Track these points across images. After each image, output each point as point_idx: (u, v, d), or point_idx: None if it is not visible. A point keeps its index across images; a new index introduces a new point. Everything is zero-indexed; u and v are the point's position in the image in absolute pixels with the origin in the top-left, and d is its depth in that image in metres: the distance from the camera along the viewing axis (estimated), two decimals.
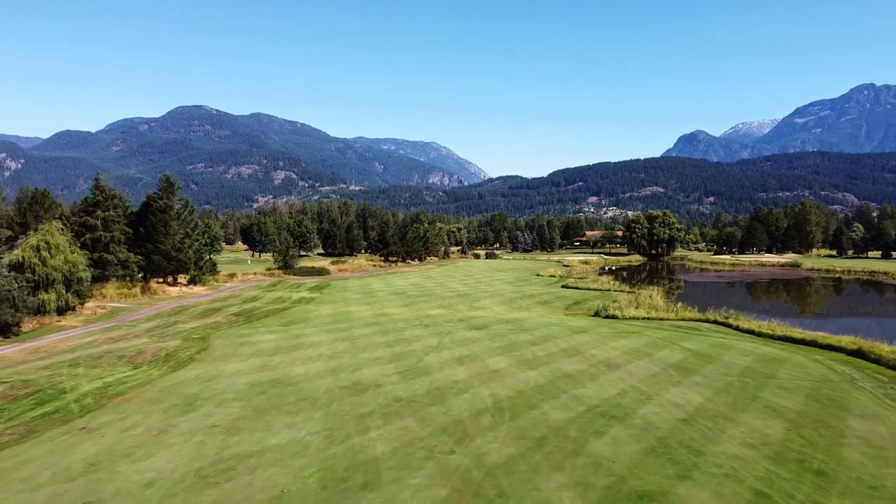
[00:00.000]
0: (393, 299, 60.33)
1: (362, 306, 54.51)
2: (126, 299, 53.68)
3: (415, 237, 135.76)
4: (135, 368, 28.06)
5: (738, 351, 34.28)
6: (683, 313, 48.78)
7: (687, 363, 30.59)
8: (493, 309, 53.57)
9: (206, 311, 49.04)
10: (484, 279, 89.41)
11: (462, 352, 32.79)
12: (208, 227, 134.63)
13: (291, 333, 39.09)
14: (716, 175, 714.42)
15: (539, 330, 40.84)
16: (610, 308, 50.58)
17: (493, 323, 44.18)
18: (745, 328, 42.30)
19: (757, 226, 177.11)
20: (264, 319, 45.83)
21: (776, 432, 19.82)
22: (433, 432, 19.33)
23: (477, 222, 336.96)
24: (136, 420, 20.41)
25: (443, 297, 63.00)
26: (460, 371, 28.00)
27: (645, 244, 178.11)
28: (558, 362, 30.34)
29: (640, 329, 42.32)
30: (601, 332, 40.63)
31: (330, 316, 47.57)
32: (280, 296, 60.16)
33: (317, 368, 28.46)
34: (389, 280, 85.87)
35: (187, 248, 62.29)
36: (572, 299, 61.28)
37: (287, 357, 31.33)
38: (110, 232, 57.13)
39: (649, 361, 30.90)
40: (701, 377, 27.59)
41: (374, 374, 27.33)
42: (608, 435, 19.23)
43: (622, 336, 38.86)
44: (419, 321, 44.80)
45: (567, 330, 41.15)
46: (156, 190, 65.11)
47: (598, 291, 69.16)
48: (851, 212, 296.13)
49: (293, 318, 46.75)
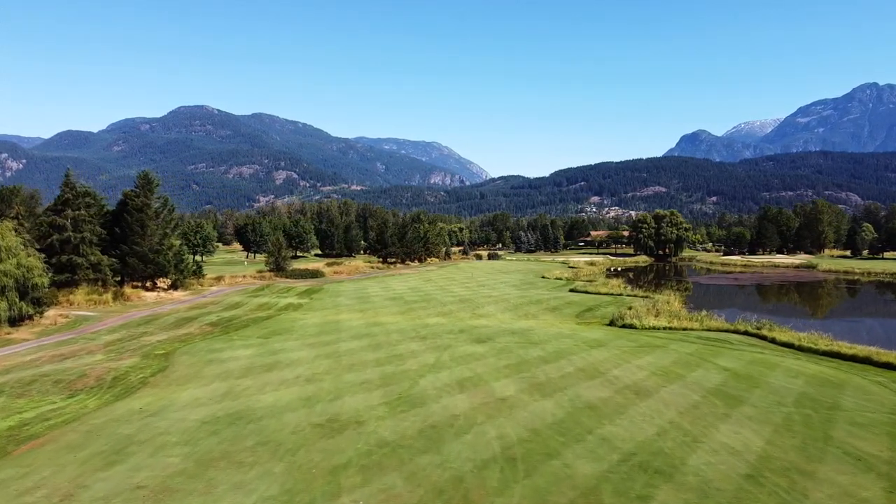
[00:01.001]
0: (388, 305, 55.65)
1: (354, 314, 49.83)
2: (95, 306, 49.10)
3: (414, 237, 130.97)
4: (69, 397, 23.41)
5: (784, 371, 29.53)
6: (709, 322, 43.99)
7: (729, 388, 25.86)
8: (497, 317, 48.88)
9: (180, 320, 44.40)
10: (487, 282, 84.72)
11: (463, 372, 28.12)
12: (200, 227, 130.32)
13: (269, 348, 34.41)
14: (718, 175, 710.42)
15: (551, 343, 36.14)
16: (626, 316, 45.84)
17: (498, 334, 39.49)
18: (783, 341, 37.51)
19: (768, 226, 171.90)
20: (243, 330, 41.18)
21: (874, 496, 15.12)
22: (425, 497, 14.69)
23: (479, 222, 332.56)
24: (41, 478, 15.75)
25: (443, 302, 58.32)
26: (461, 400, 23.33)
27: (652, 244, 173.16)
28: (577, 387, 25.64)
29: (663, 342, 37.60)
30: (621, 345, 35.91)
31: (317, 326, 42.89)
32: (265, 302, 55.48)
33: (289, 396, 23.80)
34: (386, 283, 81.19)
35: (166, 250, 57.62)
36: (583, 305, 56.55)
37: (258, 380, 26.66)
38: (81, 233, 52.56)
39: (684, 385, 26.18)
40: (751, 408, 22.88)
41: (358, 404, 22.66)
42: (656, 503, 14.55)
43: (646, 351, 34.14)
44: (416, 332, 40.12)
45: (582, 343, 36.44)
46: (133, 188, 60.40)
47: (609, 296, 64.41)
48: (858, 211, 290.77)
49: (276, 328, 42.09)
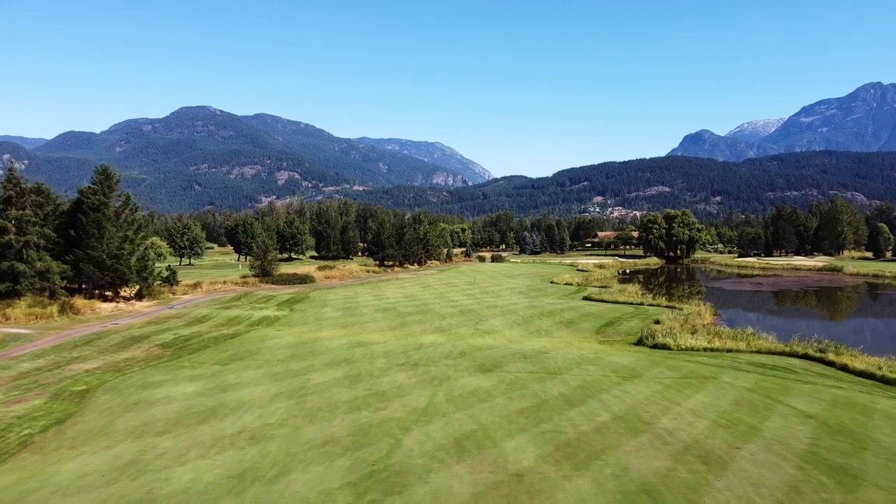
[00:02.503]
0: (379, 319, 48.57)
1: (337, 330, 42.76)
2: (36, 321, 42.18)
3: (413, 239, 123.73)
4: None
5: (887, 419, 22.39)
6: (757, 342, 36.76)
7: (827, 450, 18.75)
8: (504, 333, 41.81)
9: (128, 339, 37.43)
10: (491, 288, 77.58)
11: (463, 423, 21.08)
12: (188, 227, 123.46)
13: (220, 382, 27.38)
14: (722, 174, 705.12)
15: (573, 373, 29.05)
16: (657, 333, 38.69)
17: (506, 359, 32.44)
18: (858, 369, 30.37)
19: (785, 226, 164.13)
20: (200, 353, 34.20)
21: None
22: None
23: (482, 222, 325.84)
24: None
25: (441, 314, 51.24)
26: (459, 476, 16.30)
27: (663, 246, 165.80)
28: (620, 449, 18.58)
29: (711, 370, 30.47)
30: (660, 376, 28.79)
31: (289, 348, 35.86)
32: (237, 315, 48.41)
33: (215, 471, 16.77)
34: (381, 290, 74.08)
35: (127, 255, 50.61)
36: (602, 318, 49.39)
37: (184, 437, 19.66)
38: (25, 235, 45.67)
39: (765, 447, 19.07)
40: (875, 490, 15.80)
41: (309, 487, 15.64)
42: None
43: (693, 385, 27.02)
44: (406, 357, 33.06)
45: (611, 372, 29.34)
46: (89, 184, 53.42)
47: (629, 306, 57.23)
48: (867, 211, 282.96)
49: (240, 350, 35.10)
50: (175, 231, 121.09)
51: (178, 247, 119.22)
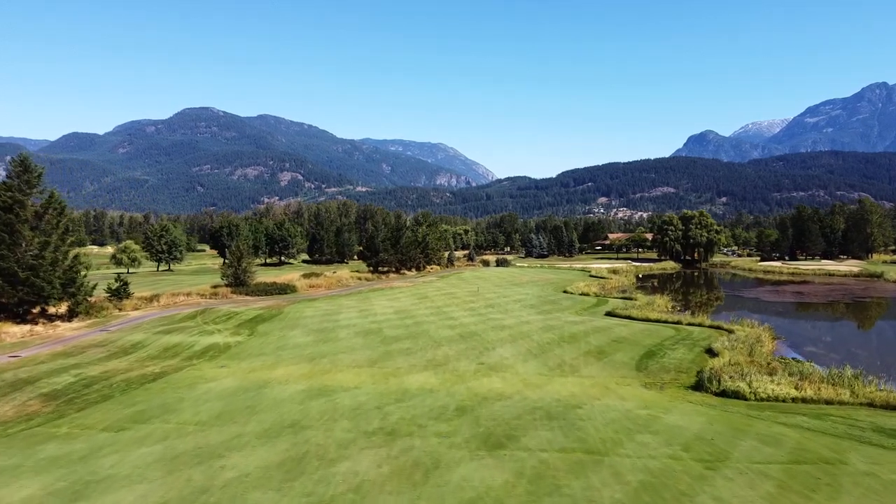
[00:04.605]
0: (357, 347, 38.72)
1: (300, 365, 32.95)
2: None
3: (410, 242, 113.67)
4: None
5: None
6: (866, 391, 26.71)
7: None
8: (517, 370, 31.97)
9: (5, 386, 27.69)
10: (497, 300, 67.63)
11: None
12: (166, 230, 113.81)
13: (82, 476, 17.59)
14: (728, 175, 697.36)
15: (625, 453, 19.14)
16: (722, 374, 28.70)
17: (523, 421, 22.59)
18: None
19: (811, 227, 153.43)
20: (92, 410, 24.48)
21: None
22: None
23: (485, 224, 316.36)
24: None
25: (437, 339, 41.39)
26: None
27: (679, 249, 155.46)
28: None
29: (826, 444, 20.52)
30: (757, 457, 18.84)
31: (221, 399, 26.05)
32: (177, 343, 38.56)
33: None
34: (369, 303, 64.22)
35: (48, 266, 40.98)
36: (638, 344, 39.43)
37: None
38: None
39: None
40: None
41: None
42: None
43: (816, 479, 17.05)
44: (381, 418, 23.24)
45: (682, 451, 19.43)
46: (3, 179, 43.72)
47: (666, 326, 47.26)
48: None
49: (151, 404, 25.33)
50: (152, 234, 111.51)
51: (155, 251, 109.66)
